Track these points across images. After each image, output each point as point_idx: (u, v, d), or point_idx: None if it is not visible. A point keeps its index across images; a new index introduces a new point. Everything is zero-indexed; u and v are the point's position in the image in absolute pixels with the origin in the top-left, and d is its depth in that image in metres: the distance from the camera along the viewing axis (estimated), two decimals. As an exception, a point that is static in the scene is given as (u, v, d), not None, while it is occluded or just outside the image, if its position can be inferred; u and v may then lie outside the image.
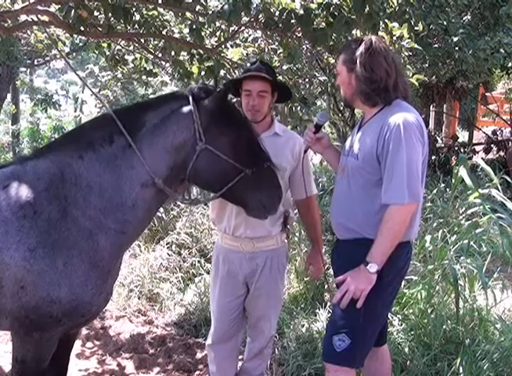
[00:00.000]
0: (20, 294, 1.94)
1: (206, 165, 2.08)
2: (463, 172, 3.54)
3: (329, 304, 3.53)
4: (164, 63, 4.37)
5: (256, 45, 3.81)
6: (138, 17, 3.48)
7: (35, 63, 12.00)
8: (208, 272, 4.25)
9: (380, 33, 3.05)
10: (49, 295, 1.94)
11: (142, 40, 3.93)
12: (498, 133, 11.24)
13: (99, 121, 2.21)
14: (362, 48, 2.10)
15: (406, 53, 3.72)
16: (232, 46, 3.89)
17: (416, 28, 3.41)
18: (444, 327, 3.11)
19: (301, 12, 2.85)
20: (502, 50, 6.39)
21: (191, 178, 2.13)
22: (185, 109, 2.08)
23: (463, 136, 13.32)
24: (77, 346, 3.62)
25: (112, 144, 2.05)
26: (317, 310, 3.58)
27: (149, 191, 2.06)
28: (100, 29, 3.34)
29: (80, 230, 1.99)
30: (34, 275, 1.93)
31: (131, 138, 2.03)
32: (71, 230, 1.98)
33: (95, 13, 3.24)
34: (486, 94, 11.80)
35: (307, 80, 4.29)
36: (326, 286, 3.85)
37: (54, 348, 2.11)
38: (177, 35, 3.77)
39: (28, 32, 5.17)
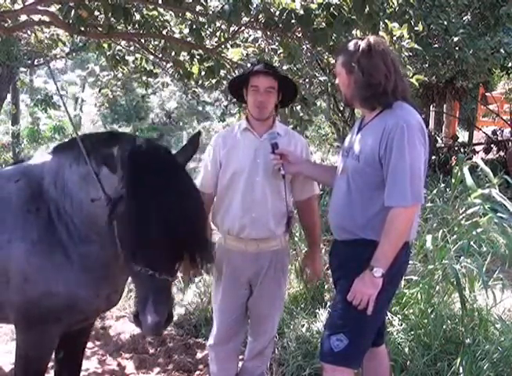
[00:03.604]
0: (24, 287, 2.00)
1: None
2: (463, 172, 3.55)
3: (329, 304, 3.54)
4: (164, 63, 4.37)
5: (256, 45, 3.81)
6: (138, 17, 3.48)
7: (35, 63, 11.99)
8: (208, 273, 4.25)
9: (380, 33, 3.04)
10: (49, 289, 2.00)
11: (143, 40, 3.93)
12: (498, 133, 11.23)
13: (94, 137, 2.17)
14: (360, 52, 2.09)
15: (406, 53, 3.72)
16: (232, 46, 3.88)
17: (416, 28, 3.41)
18: (444, 327, 3.12)
19: (301, 12, 2.85)
20: (502, 50, 6.40)
21: None
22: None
23: (463, 136, 13.31)
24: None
25: (85, 165, 2.02)
26: (317, 310, 3.58)
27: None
28: (100, 29, 3.34)
29: (70, 234, 2.04)
30: (35, 268, 1.99)
31: (97, 166, 1.97)
32: (63, 232, 2.03)
33: (96, 13, 3.23)
34: (486, 94, 11.79)
35: (307, 80, 4.28)
36: (326, 286, 3.85)
37: (55, 344, 2.18)
38: (177, 35, 3.77)
39: (28, 32, 5.17)
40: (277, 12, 2.93)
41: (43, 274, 2.00)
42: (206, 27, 3.48)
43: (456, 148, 10.66)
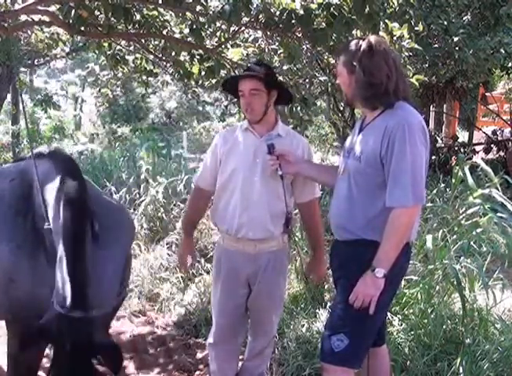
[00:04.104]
0: (10, 288, 2.00)
1: None
2: (463, 172, 3.55)
3: (329, 304, 3.54)
4: (164, 63, 4.37)
5: (256, 45, 3.81)
6: (138, 17, 3.48)
7: (35, 63, 11.98)
8: (208, 273, 4.25)
9: (380, 33, 3.04)
10: (33, 290, 1.99)
11: (143, 40, 3.93)
12: (498, 133, 11.21)
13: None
14: (361, 52, 2.09)
15: (406, 53, 3.72)
16: (232, 46, 3.88)
17: (416, 28, 3.41)
18: (444, 327, 3.12)
19: (302, 12, 2.84)
20: (502, 50, 6.39)
21: None
22: None
23: (463, 136, 13.30)
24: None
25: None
26: (317, 310, 3.58)
27: None
28: (100, 29, 3.33)
29: (48, 241, 2.02)
30: (22, 270, 1.99)
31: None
32: (45, 237, 2.02)
33: (96, 13, 3.23)
34: (486, 94, 11.77)
35: (307, 80, 4.28)
36: (326, 286, 3.85)
37: (46, 345, 2.14)
38: (177, 35, 3.77)
39: (28, 32, 5.17)
40: (277, 12, 2.93)
41: (27, 276, 1.99)
42: (206, 27, 3.48)
43: (456, 148, 10.64)
